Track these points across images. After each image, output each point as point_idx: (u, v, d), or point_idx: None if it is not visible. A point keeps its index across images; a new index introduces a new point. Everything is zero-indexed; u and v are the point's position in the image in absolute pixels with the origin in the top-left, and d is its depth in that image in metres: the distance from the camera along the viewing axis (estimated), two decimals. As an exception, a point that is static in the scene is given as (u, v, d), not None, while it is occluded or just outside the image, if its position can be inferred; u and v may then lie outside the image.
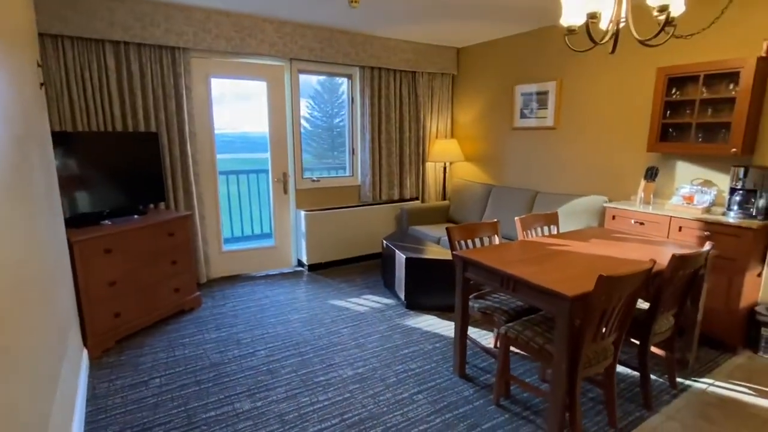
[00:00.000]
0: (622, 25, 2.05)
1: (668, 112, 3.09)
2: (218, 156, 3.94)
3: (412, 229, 4.52)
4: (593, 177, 3.73)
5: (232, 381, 2.43)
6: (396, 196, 4.90)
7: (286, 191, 4.31)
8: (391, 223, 4.79)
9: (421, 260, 3.33)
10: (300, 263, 4.50)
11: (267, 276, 4.22)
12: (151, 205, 3.55)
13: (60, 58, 3.10)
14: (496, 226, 2.73)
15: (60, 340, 1.82)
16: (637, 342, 2.22)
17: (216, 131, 3.91)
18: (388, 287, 3.81)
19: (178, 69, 3.54)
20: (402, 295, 3.46)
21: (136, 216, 3.10)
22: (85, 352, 2.54)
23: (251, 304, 3.52)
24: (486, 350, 2.60)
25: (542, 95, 4.06)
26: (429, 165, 5.06)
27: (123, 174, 3.14)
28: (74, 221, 2.80)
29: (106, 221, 2.90)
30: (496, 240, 2.74)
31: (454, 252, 2.37)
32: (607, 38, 2.11)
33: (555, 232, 2.99)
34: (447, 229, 2.54)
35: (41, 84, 1.95)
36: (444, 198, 5.10)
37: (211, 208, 3.97)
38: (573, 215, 3.54)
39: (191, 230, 3.73)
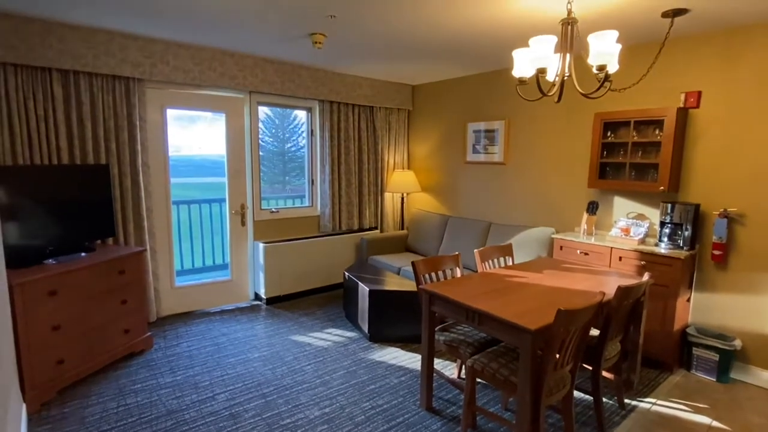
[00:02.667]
0: (566, 77, 2.29)
1: (605, 152, 3.42)
2: (173, 180, 3.80)
3: (372, 259, 4.57)
4: (541, 209, 4.01)
5: (191, 430, 2.31)
6: (355, 226, 4.95)
7: (243, 223, 4.23)
8: (350, 253, 4.81)
9: (385, 292, 3.38)
10: (257, 297, 4.38)
11: (223, 311, 4.07)
12: (99, 241, 3.35)
13: (0, 86, 2.91)
14: (457, 258, 2.85)
15: (1, 402, 1.66)
16: (590, 368, 2.38)
17: (171, 154, 3.79)
18: (351, 319, 3.80)
19: (132, 99, 3.44)
20: (365, 328, 3.47)
21: (83, 254, 2.91)
22: (23, 407, 2.31)
23: (207, 343, 3.37)
24: (452, 382, 2.66)
25: (491, 132, 4.34)
26: (387, 195, 5.18)
27: (69, 209, 2.95)
28: (15, 261, 2.59)
29: (50, 260, 2.70)
30: (458, 272, 2.85)
31: (420, 286, 2.45)
32: (554, 90, 2.35)
33: (510, 263, 3.16)
34: (413, 263, 2.62)
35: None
36: (402, 227, 5.22)
37: (163, 241, 3.81)
38: (524, 245, 3.76)
39: (145, 265, 3.54)
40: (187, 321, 3.80)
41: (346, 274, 3.83)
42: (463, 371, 2.96)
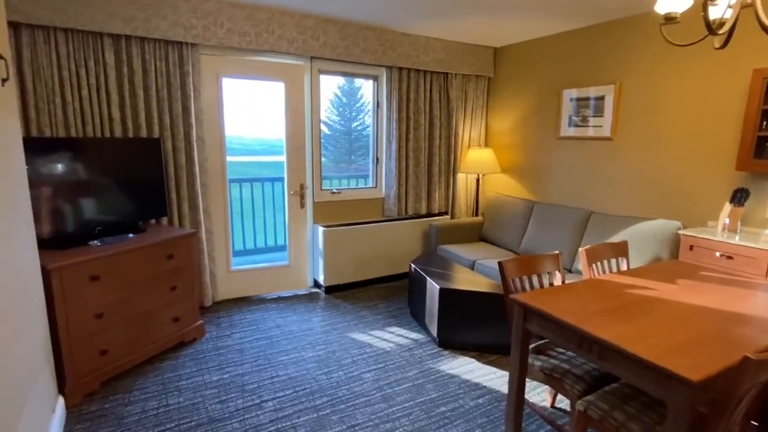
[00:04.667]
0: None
1: (765, 123, 2.55)
2: (228, 158, 3.53)
3: (442, 249, 4.03)
4: (661, 197, 3.19)
5: (232, 446, 1.99)
6: (423, 211, 4.42)
7: (303, 205, 3.88)
8: (417, 241, 4.31)
9: (458, 292, 2.85)
10: (316, 284, 4.06)
11: (279, 298, 3.79)
12: (153, 221, 3.15)
13: (52, 53, 2.73)
14: (558, 260, 2.23)
15: (13, 400, 1.39)
16: (756, 424, 1.69)
17: (227, 136, 3.50)
18: (417, 318, 3.33)
19: (186, 67, 3.15)
20: (434, 331, 2.98)
21: (131, 235, 2.70)
22: (60, 400, 2.13)
23: (260, 335, 3.08)
24: (549, 421, 2.10)
25: (596, 101, 3.54)
26: (460, 176, 4.57)
27: (120, 186, 2.74)
28: (59, 241, 2.41)
29: (95, 242, 2.49)
30: (558, 277, 2.24)
31: (512, 296, 1.88)
32: (725, 28, 1.61)
33: (625, 267, 2.47)
34: (500, 264, 2.05)
35: (3, 80, 1.54)
36: (476, 214, 4.60)
37: (219, 221, 3.56)
38: (638, 243, 3.01)
39: (196, 249, 3.32)
40: (243, 307, 3.56)
41: (413, 266, 3.34)
42: (559, 398, 2.37)
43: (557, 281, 2.24)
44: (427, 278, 3.05)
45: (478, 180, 4.53)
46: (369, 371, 2.63)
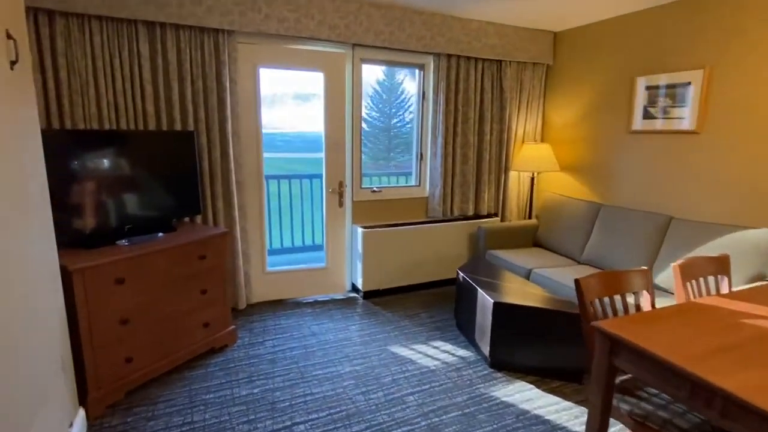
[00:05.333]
0: None
1: None
2: (265, 154, 3.34)
3: (492, 254, 3.66)
4: (761, 201, 2.68)
5: (258, 478, 1.75)
6: (470, 212, 4.06)
7: (341, 204, 3.63)
8: (463, 244, 3.97)
9: (516, 307, 2.49)
10: (354, 288, 3.80)
11: (316, 303, 3.57)
12: (188, 219, 3.00)
13: (86, 43, 2.61)
14: (647, 277, 1.83)
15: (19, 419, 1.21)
16: None
17: (264, 126, 3.31)
18: (464, 332, 3.00)
19: (222, 56, 2.97)
20: (485, 349, 2.64)
21: (161, 234, 2.54)
22: (81, 413, 1.98)
23: (294, 344, 2.86)
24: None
25: (678, 88, 3.05)
26: (512, 175, 4.17)
27: (153, 182, 2.59)
28: (86, 240, 2.28)
29: (123, 241, 2.34)
30: (646, 299, 1.85)
31: (595, 324, 1.52)
32: None
33: (725, 287, 2.03)
34: (578, 282, 1.69)
35: (12, 62, 1.36)
36: (529, 216, 4.19)
37: (255, 220, 3.38)
38: (735, 256, 2.53)
39: (230, 249, 3.15)
40: (277, 311, 3.37)
41: (461, 274, 3.01)
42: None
43: (645, 303, 1.84)
44: (478, 289, 2.71)
45: (532, 179, 4.11)
46: (412, 393, 2.33)
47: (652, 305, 1.83)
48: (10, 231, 1.33)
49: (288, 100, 3.72)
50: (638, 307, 1.86)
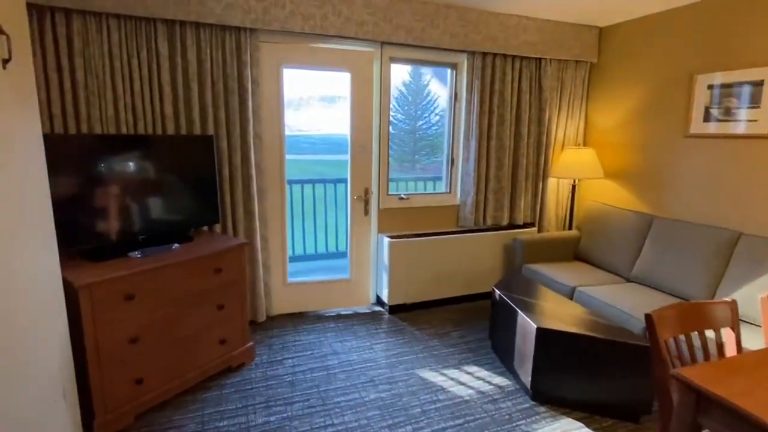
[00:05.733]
0: None
1: None
2: (288, 156, 3.16)
3: (529, 268, 3.37)
4: None
5: None
6: (505, 221, 3.78)
7: (367, 212, 3.42)
8: (497, 256, 3.69)
9: (562, 334, 2.21)
10: (379, 301, 3.58)
11: (339, 316, 3.36)
12: (206, 228, 2.85)
13: (104, 42, 2.50)
14: (733, 310, 1.54)
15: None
16: None
17: (288, 132, 3.14)
18: (501, 357, 2.73)
19: (244, 56, 2.81)
20: (526, 378, 2.37)
21: (176, 245, 2.38)
22: (85, 440, 1.84)
23: (315, 364, 2.66)
24: None
25: (750, 87, 2.70)
26: (551, 182, 3.86)
27: (169, 190, 2.45)
28: (98, 252, 2.14)
29: (136, 253, 2.20)
30: (730, 337, 1.55)
31: (676, 374, 1.25)
32: None
33: (824, 321, 1.70)
34: (647, 316, 1.42)
35: (4, 61, 1.21)
36: (569, 227, 3.87)
37: (276, 228, 3.21)
38: (823, 280, 2.17)
39: (249, 260, 2.99)
40: (298, 325, 3.18)
41: (497, 292, 2.74)
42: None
43: (729, 342, 1.55)
44: (518, 311, 2.44)
45: (573, 186, 3.80)
46: (444, 428, 2.09)
47: (738, 345, 1.53)
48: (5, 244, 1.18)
49: (313, 102, 3.54)
50: (720, 346, 1.57)
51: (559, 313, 2.42)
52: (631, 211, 3.31)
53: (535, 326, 2.25)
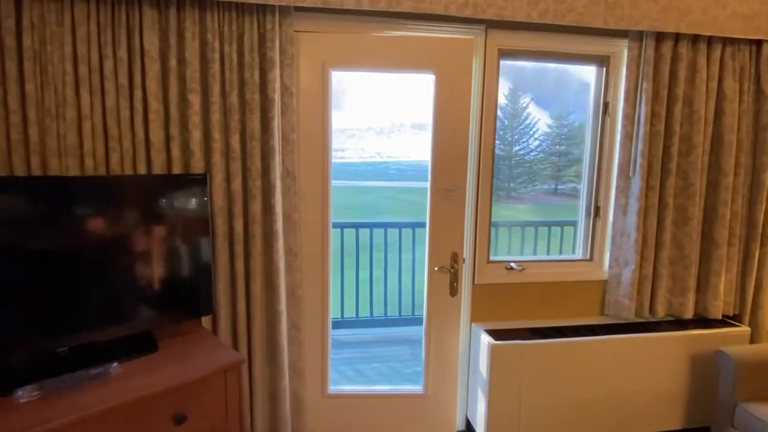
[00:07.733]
0: None
1: None
2: (337, 182, 2.10)
3: (749, 412, 1.82)
4: None
5: None
6: (688, 312, 2.26)
7: (454, 291, 2.16)
8: (680, 374, 2.17)
9: None
10: (470, 429, 2.27)
11: (404, 454, 2.12)
12: (198, 319, 1.85)
13: (67, 40, 1.67)
14: None
15: None
16: None
17: (335, 161, 2.08)
18: None
19: (269, 53, 1.81)
20: None
21: (114, 365, 1.37)
22: None
23: None
24: None
25: None
26: (775, 248, 2.26)
27: (126, 265, 1.49)
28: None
29: (29, 388, 1.21)
30: None
31: None
32: None
33: None
34: None
35: None
36: (816, 328, 2.21)
37: (315, 308, 2.11)
38: None
39: (270, 360, 1.93)
40: (339, 468, 2.00)
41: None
42: None
43: None
44: None
45: (825, 259, 2.15)
46: None
47: None
48: None
49: (375, 111, 2.47)
50: None
51: None
52: None
53: None
